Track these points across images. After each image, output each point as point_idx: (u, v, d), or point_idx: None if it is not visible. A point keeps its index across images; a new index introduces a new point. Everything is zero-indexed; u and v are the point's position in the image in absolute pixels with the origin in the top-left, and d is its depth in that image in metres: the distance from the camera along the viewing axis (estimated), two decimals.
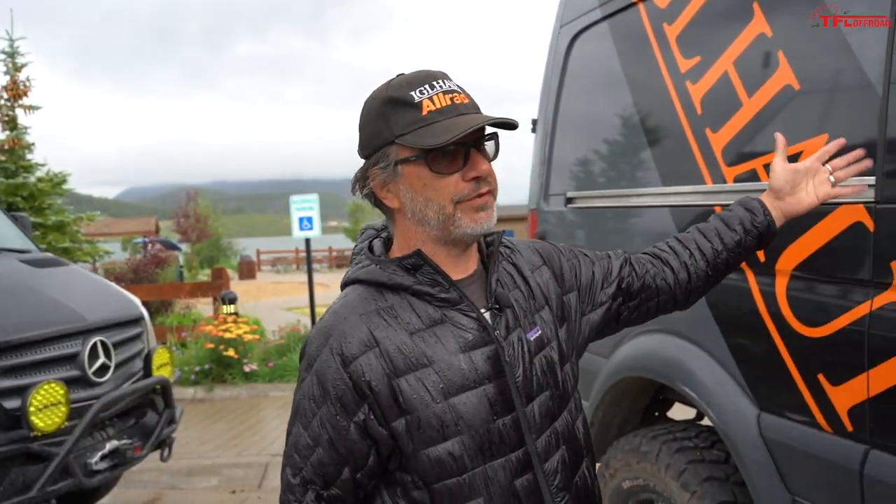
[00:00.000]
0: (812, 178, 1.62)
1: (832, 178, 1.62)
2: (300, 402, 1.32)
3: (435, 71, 1.32)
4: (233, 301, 8.41)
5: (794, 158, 1.89)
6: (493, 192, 1.32)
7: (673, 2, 2.40)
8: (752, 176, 2.04)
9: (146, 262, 11.70)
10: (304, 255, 10.54)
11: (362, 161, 1.35)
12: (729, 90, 2.13)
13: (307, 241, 8.96)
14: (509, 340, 1.34)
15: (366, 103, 1.34)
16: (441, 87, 1.28)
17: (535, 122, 3.53)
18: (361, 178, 1.35)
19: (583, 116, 3.17)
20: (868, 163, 1.61)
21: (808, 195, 1.61)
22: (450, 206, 1.28)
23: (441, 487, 1.28)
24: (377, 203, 1.36)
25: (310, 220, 8.73)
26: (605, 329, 1.59)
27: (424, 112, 1.25)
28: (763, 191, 2.00)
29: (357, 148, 1.37)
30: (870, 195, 1.66)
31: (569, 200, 3.13)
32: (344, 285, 1.39)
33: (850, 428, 1.73)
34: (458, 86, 1.31)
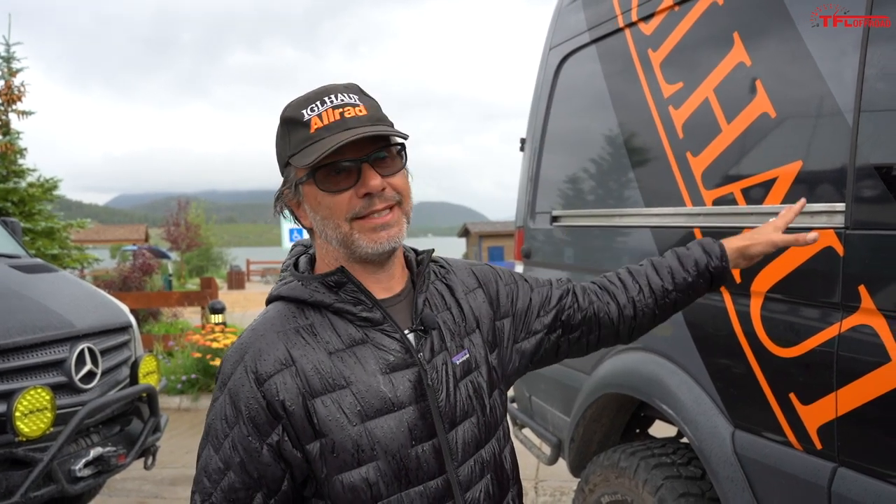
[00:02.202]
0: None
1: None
2: (212, 423, 1.24)
3: (336, 85, 1.27)
4: (220, 311, 8.42)
5: (769, 184, 1.96)
6: (394, 207, 1.26)
7: (658, 29, 2.47)
8: (731, 199, 2.10)
9: (134, 269, 11.70)
10: None
11: None
12: (709, 116, 2.19)
13: None
14: (433, 363, 1.29)
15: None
16: (332, 101, 1.23)
17: (523, 141, 3.60)
18: (277, 199, 1.33)
19: (569, 136, 3.24)
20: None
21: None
22: (345, 224, 1.23)
23: None
24: (298, 221, 1.34)
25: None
26: (541, 359, 1.55)
27: (312, 130, 1.21)
28: (740, 215, 2.07)
29: None
30: (839, 221, 1.72)
31: (554, 219, 3.19)
32: (268, 302, 1.35)
33: (819, 446, 1.78)
34: (358, 98, 1.25)
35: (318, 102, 1.23)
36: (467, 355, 1.36)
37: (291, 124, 1.25)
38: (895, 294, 1.62)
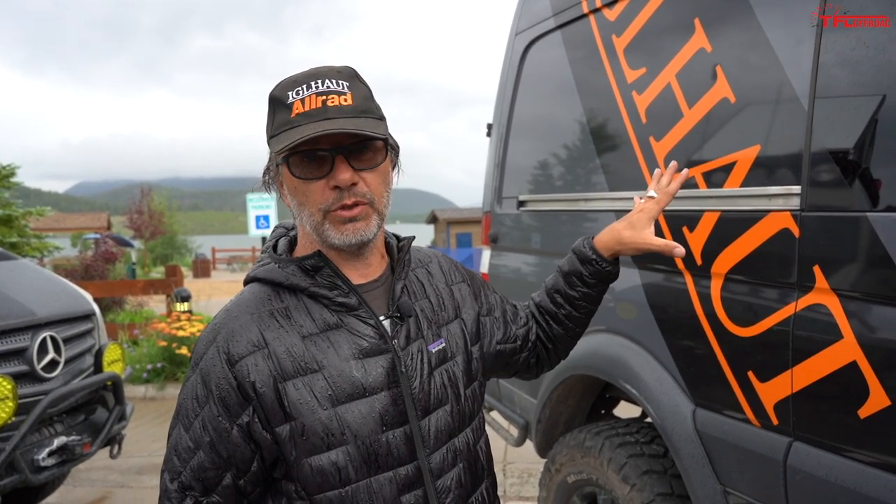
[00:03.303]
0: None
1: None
2: (183, 403, 1.25)
3: (331, 68, 1.24)
4: (186, 299, 8.34)
5: (729, 168, 2.01)
6: (364, 203, 1.23)
7: (621, 14, 2.50)
8: (692, 183, 2.15)
9: (96, 258, 11.50)
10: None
11: None
12: (671, 101, 2.23)
13: (264, 239, 8.94)
14: (408, 350, 1.29)
15: None
16: (317, 87, 1.19)
17: (490, 127, 3.62)
18: (264, 174, 1.32)
19: (536, 122, 3.26)
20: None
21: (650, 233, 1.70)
22: (318, 214, 1.23)
23: (322, 499, 1.22)
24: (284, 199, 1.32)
25: (266, 218, 8.72)
26: (501, 369, 1.62)
27: (293, 114, 1.19)
28: (701, 199, 2.11)
29: None
30: (795, 203, 1.77)
31: (521, 203, 3.22)
32: (245, 283, 1.35)
33: (775, 422, 1.84)
34: (347, 85, 1.22)
35: (304, 86, 1.20)
36: (443, 344, 1.36)
37: (277, 104, 1.22)
38: (848, 274, 1.68)
